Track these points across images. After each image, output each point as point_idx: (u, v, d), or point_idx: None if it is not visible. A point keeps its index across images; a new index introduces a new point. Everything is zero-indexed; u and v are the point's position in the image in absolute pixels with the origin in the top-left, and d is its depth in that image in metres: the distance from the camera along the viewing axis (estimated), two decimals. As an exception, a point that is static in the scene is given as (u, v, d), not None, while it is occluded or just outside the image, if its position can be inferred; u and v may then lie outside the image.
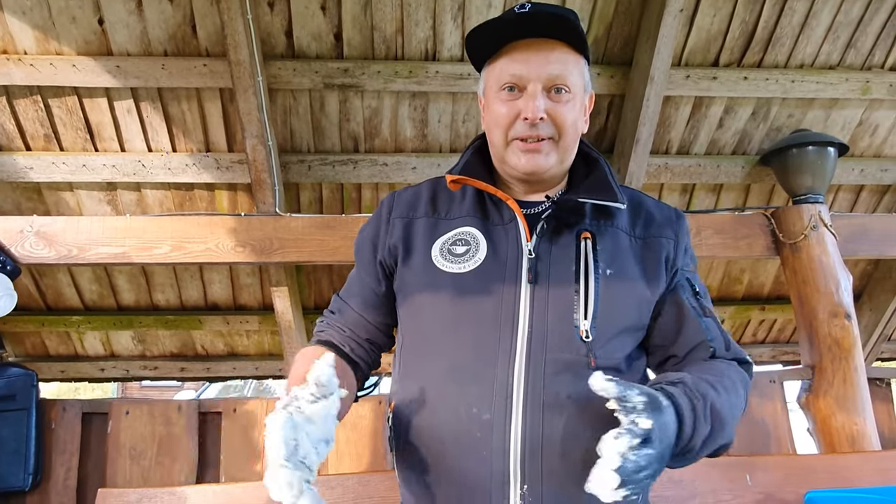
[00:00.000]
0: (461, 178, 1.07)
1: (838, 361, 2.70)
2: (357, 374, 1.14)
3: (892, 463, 2.02)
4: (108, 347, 3.80)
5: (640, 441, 0.80)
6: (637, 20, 2.73)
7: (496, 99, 1.06)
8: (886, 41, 2.92)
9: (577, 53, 1.05)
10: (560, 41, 1.03)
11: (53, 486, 2.44)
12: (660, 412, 0.83)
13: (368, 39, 2.70)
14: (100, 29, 2.55)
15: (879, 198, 3.55)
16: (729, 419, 0.95)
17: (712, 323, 1.08)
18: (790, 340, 4.26)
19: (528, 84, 1.02)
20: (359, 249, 1.18)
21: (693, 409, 0.89)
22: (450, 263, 1.03)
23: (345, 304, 1.18)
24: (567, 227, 1.05)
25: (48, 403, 2.53)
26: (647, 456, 0.79)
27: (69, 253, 2.59)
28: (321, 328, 1.17)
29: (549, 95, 1.02)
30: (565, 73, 1.02)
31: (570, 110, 1.03)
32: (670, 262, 1.08)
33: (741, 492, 1.88)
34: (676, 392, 0.90)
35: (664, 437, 0.83)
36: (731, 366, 1.05)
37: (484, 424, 0.94)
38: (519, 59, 1.03)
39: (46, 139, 2.82)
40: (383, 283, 1.14)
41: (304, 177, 3.00)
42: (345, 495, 1.75)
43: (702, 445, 0.92)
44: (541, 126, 1.02)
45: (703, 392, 0.92)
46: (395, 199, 1.16)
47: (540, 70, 1.01)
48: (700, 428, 0.90)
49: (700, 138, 3.14)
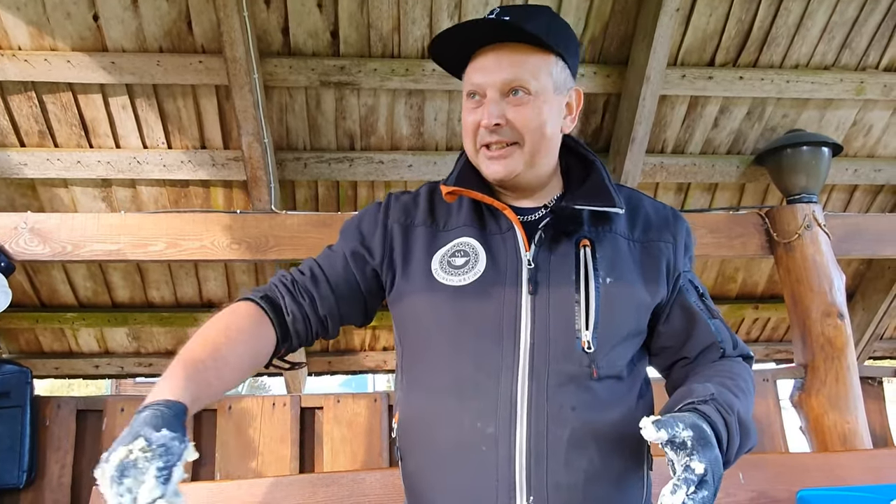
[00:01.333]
0: (457, 190, 1.06)
1: (831, 360, 2.72)
2: (281, 345, 1.06)
3: (883, 461, 2.03)
4: (103, 344, 3.79)
5: (696, 485, 0.80)
6: (633, 19, 2.73)
7: (465, 108, 1.06)
8: (881, 42, 2.94)
9: (544, 52, 1.01)
10: (523, 43, 1.00)
11: (48, 483, 2.44)
12: (709, 448, 0.84)
13: (365, 37, 2.70)
14: (94, 25, 2.54)
15: (873, 198, 3.57)
16: (751, 424, 0.96)
17: (720, 324, 1.10)
18: (783, 339, 4.28)
19: (486, 91, 1.01)
20: (349, 234, 1.14)
21: (727, 426, 0.90)
22: (449, 276, 1.02)
23: (322, 273, 1.10)
24: (566, 236, 1.04)
25: (43, 400, 2.52)
26: (703, 498, 0.80)
27: (63, 250, 2.57)
28: (278, 282, 1.08)
29: (507, 99, 1.01)
30: (521, 75, 1.00)
31: (529, 112, 1.00)
32: (671, 267, 1.08)
33: (734, 490, 1.89)
34: (710, 411, 0.90)
35: (716, 471, 0.83)
36: (741, 365, 1.07)
37: (488, 438, 0.94)
38: (478, 67, 1.02)
39: (41, 135, 2.81)
40: (363, 275, 1.10)
41: (299, 174, 3.00)
42: (339, 492, 1.75)
43: (735, 457, 0.93)
44: (501, 131, 1.01)
45: (730, 403, 0.93)
46: (392, 202, 1.14)
47: (494, 76, 1.00)
48: (734, 442, 0.91)
49: (695, 138, 3.15)
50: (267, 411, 2.53)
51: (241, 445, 2.49)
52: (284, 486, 1.75)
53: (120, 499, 0.70)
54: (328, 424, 2.53)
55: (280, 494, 1.73)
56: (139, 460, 0.72)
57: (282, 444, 2.49)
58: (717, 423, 0.88)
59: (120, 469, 0.71)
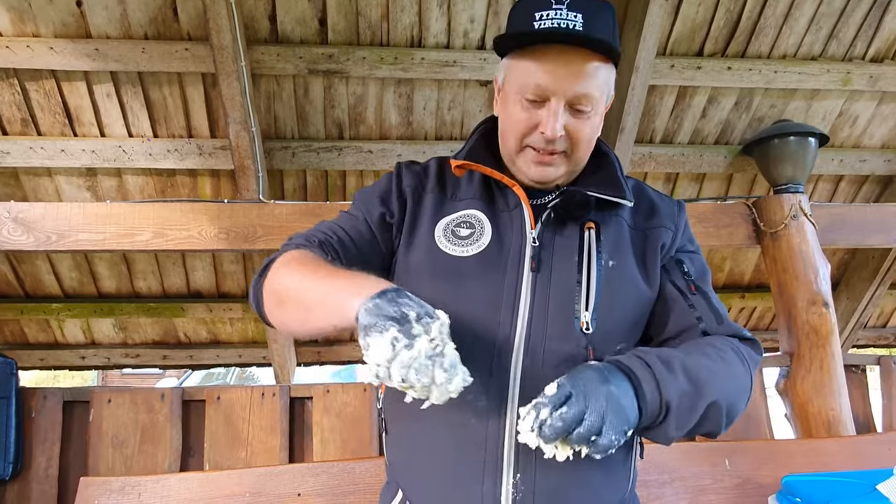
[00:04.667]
0: (466, 164, 1.05)
1: (816, 348, 2.75)
2: None
3: (866, 447, 2.07)
4: (89, 335, 3.76)
5: (553, 406, 0.79)
6: (623, 8, 2.73)
7: (516, 102, 1.00)
8: (867, 32, 2.95)
9: (607, 62, 0.99)
10: (592, 51, 0.96)
11: (34, 474, 2.42)
12: (577, 372, 0.83)
13: (353, 25, 2.67)
14: (78, 11, 2.49)
15: (858, 188, 3.61)
16: (710, 378, 0.89)
17: (700, 299, 1.05)
18: (769, 328, 4.33)
19: (551, 97, 0.97)
20: (367, 199, 1.11)
21: (647, 365, 0.86)
22: (453, 246, 1.01)
23: (344, 233, 1.06)
24: (572, 219, 1.04)
25: (28, 392, 2.50)
26: (568, 415, 0.77)
27: (48, 240, 2.54)
28: (304, 242, 1.03)
29: (570, 110, 0.98)
30: (591, 91, 0.97)
31: (588, 126, 1.00)
32: (664, 250, 1.08)
33: (720, 476, 1.92)
34: (619, 357, 0.89)
35: (590, 390, 0.79)
36: (723, 340, 1.00)
37: (479, 411, 0.94)
38: (546, 70, 0.96)
39: (23, 123, 2.77)
40: (384, 239, 1.08)
41: (288, 163, 2.98)
42: (329, 482, 1.75)
43: (686, 406, 0.86)
44: (557, 142, 0.99)
45: (664, 353, 0.89)
46: (403, 169, 1.12)
47: (567, 86, 0.96)
48: (668, 383, 0.85)
49: (684, 128, 3.17)
50: (256, 401, 2.52)
51: (231, 436, 2.48)
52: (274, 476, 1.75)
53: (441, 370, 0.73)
54: (318, 414, 2.53)
55: (270, 485, 1.73)
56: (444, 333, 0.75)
57: (271, 435, 2.49)
58: (623, 361, 0.87)
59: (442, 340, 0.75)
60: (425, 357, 0.73)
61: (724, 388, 0.91)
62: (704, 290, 1.07)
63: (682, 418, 0.87)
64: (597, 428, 0.77)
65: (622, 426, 0.79)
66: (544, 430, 0.78)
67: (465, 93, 2.91)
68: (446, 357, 0.74)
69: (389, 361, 0.73)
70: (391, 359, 0.73)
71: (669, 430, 0.87)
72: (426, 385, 0.73)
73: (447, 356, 0.74)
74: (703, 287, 1.07)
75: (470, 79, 2.83)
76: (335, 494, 1.73)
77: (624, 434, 0.80)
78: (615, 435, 0.78)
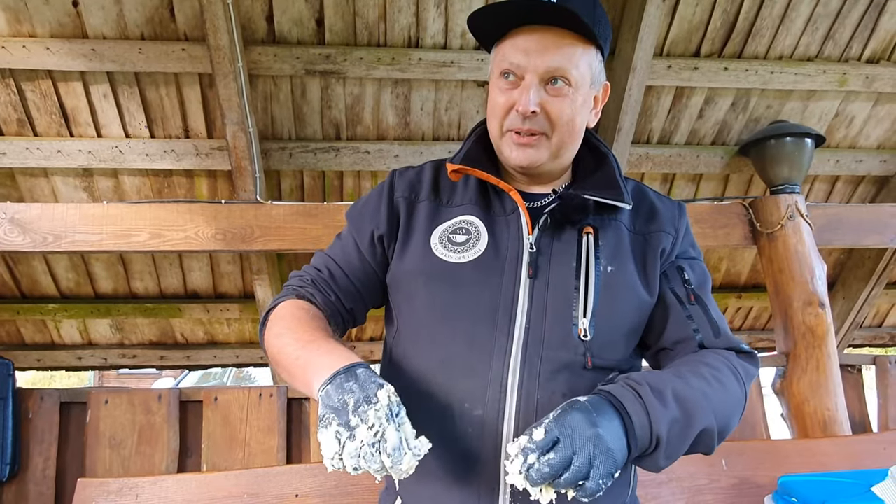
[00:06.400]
0: (462, 168, 1.03)
1: (812, 349, 2.76)
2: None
3: (862, 447, 2.08)
4: (86, 336, 3.75)
5: (542, 452, 0.77)
6: (620, 9, 2.73)
7: (495, 86, 1.01)
8: (864, 33, 2.96)
9: (587, 44, 0.98)
10: (568, 30, 0.96)
11: (32, 475, 2.42)
12: (564, 414, 0.80)
13: (351, 25, 2.67)
14: (74, 11, 2.49)
15: (854, 188, 3.62)
16: (703, 404, 0.87)
17: (698, 310, 1.03)
18: (765, 328, 4.34)
19: (525, 74, 0.97)
20: (356, 218, 1.11)
21: (638, 396, 0.84)
22: (449, 252, 1.00)
23: (335, 265, 1.08)
24: (570, 223, 1.01)
25: (25, 393, 2.50)
26: (554, 462, 0.76)
27: (44, 240, 2.54)
28: (300, 283, 1.06)
29: (546, 88, 0.97)
30: (567, 65, 0.96)
31: (566, 105, 0.98)
32: (665, 255, 1.06)
33: (717, 476, 1.92)
34: (611, 388, 0.86)
35: (577, 433, 0.78)
36: (718, 356, 0.98)
37: (475, 420, 0.93)
38: (520, 48, 0.96)
39: (20, 124, 2.76)
40: (376, 258, 1.08)
41: (285, 164, 2.98)
42: (327, 483, 1.75)
43: (676, 435, 0.85)
44: (533, 120, 0.97)
45: (656, 381, 0.87)
46: (397, 178, 1.11)
47: (538, 61, 0.95)
48: (659, 415, 0.83)
49: (681, 128, 3.17)
50: (254, 402, 2.52)
51: (228, 437, 2.48)
52: (272, 476, 1.75)
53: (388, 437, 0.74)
54: (316, 415, 2.53)
55: (267, 485, 1.73)
56: (394, 405, 0.77)
57: (269, 435, 2.49)
58: (615, 393, 0.85)
59: (391, 409, 0.76)
60: (369, 445, 0.74)
61: (717, 410, 0.90)
62: (703, 300, 1.05)
63: (673, 448, 0.86)
64: (584, 473, 0.77)
65: (610, 469, 0.78)
66: (531, 475, 0.77)
67: (462, 93, 2.92)
68: (388, 442, 0.74)
69: (339, 454, 0.75)
70: (339, 452, 0.75)
71: (659, 460, 0.86)
72: (378, 470, 0.74)
73: (389, 440, 0.74)
74: (703, 296, 1.05)
75: (467, 79, 2.83)
76: (333, 495, 1.73)
77: (611, 477, 0.79)
78: (602, 479, 0.77)
